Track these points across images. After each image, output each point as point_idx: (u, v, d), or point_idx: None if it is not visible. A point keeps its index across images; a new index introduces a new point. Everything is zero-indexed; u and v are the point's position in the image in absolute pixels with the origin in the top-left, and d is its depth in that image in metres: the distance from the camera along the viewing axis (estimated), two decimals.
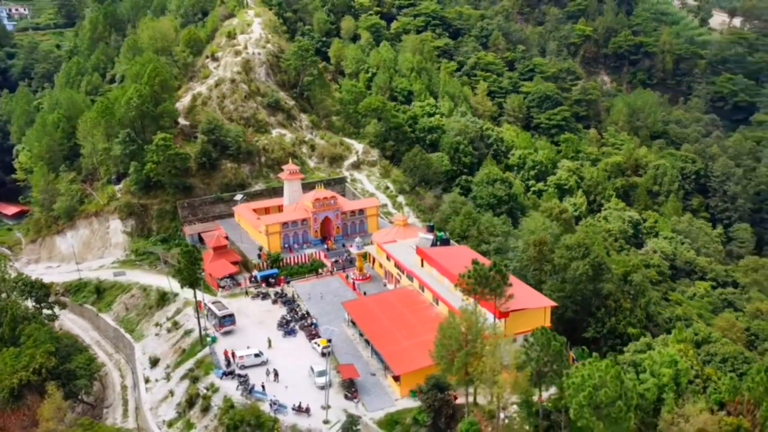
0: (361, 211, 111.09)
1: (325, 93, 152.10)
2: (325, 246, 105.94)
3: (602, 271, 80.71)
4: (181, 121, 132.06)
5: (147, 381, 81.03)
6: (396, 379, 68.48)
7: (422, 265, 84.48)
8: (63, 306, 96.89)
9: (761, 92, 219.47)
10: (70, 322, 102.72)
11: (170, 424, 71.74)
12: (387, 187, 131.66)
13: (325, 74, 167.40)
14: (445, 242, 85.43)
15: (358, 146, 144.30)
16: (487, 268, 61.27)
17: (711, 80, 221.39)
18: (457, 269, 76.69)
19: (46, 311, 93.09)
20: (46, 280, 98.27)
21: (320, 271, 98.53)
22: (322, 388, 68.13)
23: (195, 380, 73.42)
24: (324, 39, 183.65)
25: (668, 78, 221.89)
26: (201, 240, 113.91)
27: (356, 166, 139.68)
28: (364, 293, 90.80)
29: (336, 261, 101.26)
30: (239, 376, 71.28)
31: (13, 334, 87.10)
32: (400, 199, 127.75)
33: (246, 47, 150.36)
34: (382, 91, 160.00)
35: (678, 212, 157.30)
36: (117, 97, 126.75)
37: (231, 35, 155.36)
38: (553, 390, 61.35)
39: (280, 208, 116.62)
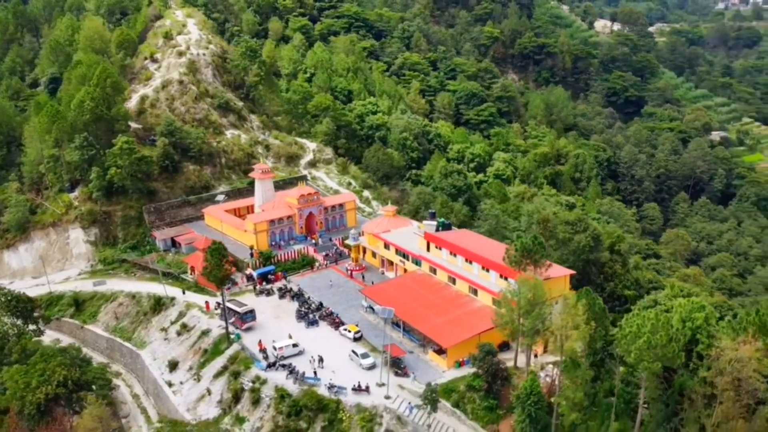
0: (341, 205, 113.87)
1: (273, 93, 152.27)
2: (312, 241, 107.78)
3: (599, 243, 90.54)
4: (132, 124, 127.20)
5: (170, 385, 79.22)
6: (439, 352, 73.02)
7: (428, 249, 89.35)
8: (47, 320, 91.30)
9: (647, 87, 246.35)
10: (47, 338, 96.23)
11: (216, 422, 71.32)
12: (349, 183, 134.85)
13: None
14: (447, 227, 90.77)
15: (311, 145, 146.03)
16: (530, 242, 67.58)
17: (604, 77, 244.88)
18: (472, 249, 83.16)
19: (30, 326, 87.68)
20: None
21: (316, 264, 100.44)
22: (370, 368, 71.43)
23: (236, 375, 73.39)
24: (254, 40, 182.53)
25: (568, 76, 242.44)
26: (174, 244, 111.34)
27: (312, 164, 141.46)
28: (363, 278, 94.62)
29: (327, 255, 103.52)
30: (284, 366, 72.41)
31: (2, 352, 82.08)
32: (366, 193, 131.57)
33: (189, 48, 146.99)
34: (323, 91, 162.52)
35: (599, 196, 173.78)
36: (64, 101, 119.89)
37: (168, 36, 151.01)
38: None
39: (249, 209, 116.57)
